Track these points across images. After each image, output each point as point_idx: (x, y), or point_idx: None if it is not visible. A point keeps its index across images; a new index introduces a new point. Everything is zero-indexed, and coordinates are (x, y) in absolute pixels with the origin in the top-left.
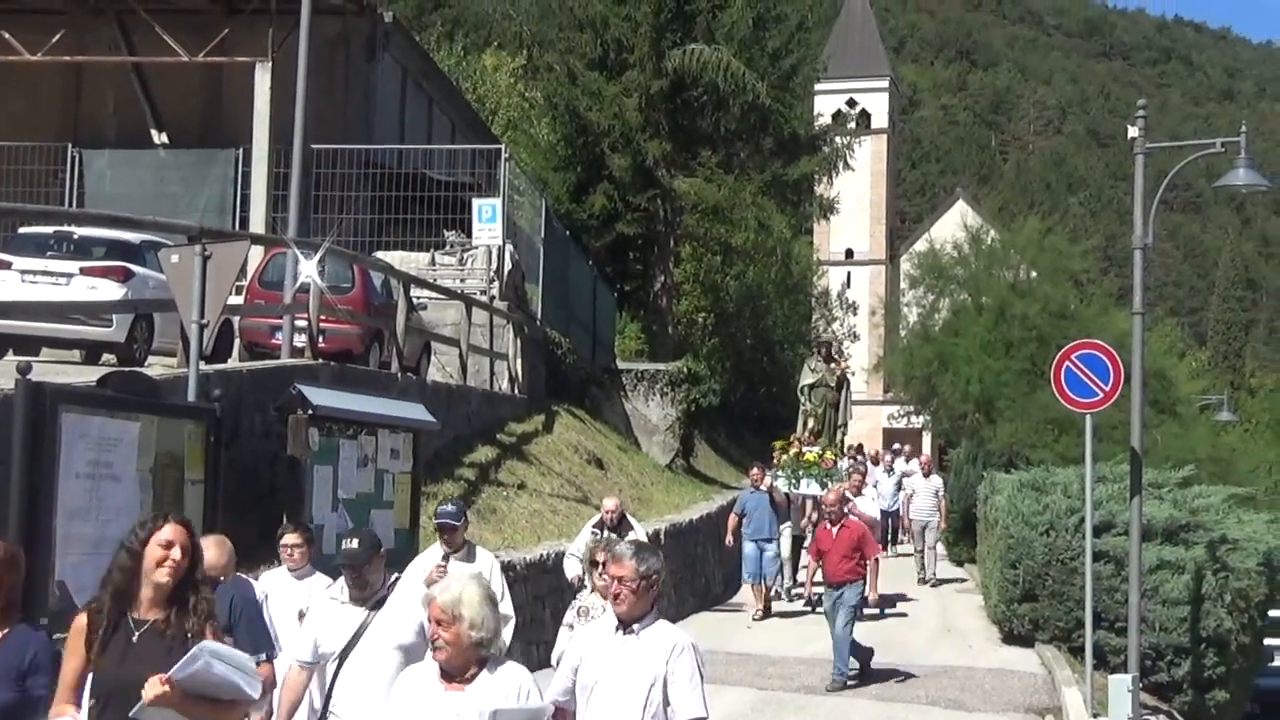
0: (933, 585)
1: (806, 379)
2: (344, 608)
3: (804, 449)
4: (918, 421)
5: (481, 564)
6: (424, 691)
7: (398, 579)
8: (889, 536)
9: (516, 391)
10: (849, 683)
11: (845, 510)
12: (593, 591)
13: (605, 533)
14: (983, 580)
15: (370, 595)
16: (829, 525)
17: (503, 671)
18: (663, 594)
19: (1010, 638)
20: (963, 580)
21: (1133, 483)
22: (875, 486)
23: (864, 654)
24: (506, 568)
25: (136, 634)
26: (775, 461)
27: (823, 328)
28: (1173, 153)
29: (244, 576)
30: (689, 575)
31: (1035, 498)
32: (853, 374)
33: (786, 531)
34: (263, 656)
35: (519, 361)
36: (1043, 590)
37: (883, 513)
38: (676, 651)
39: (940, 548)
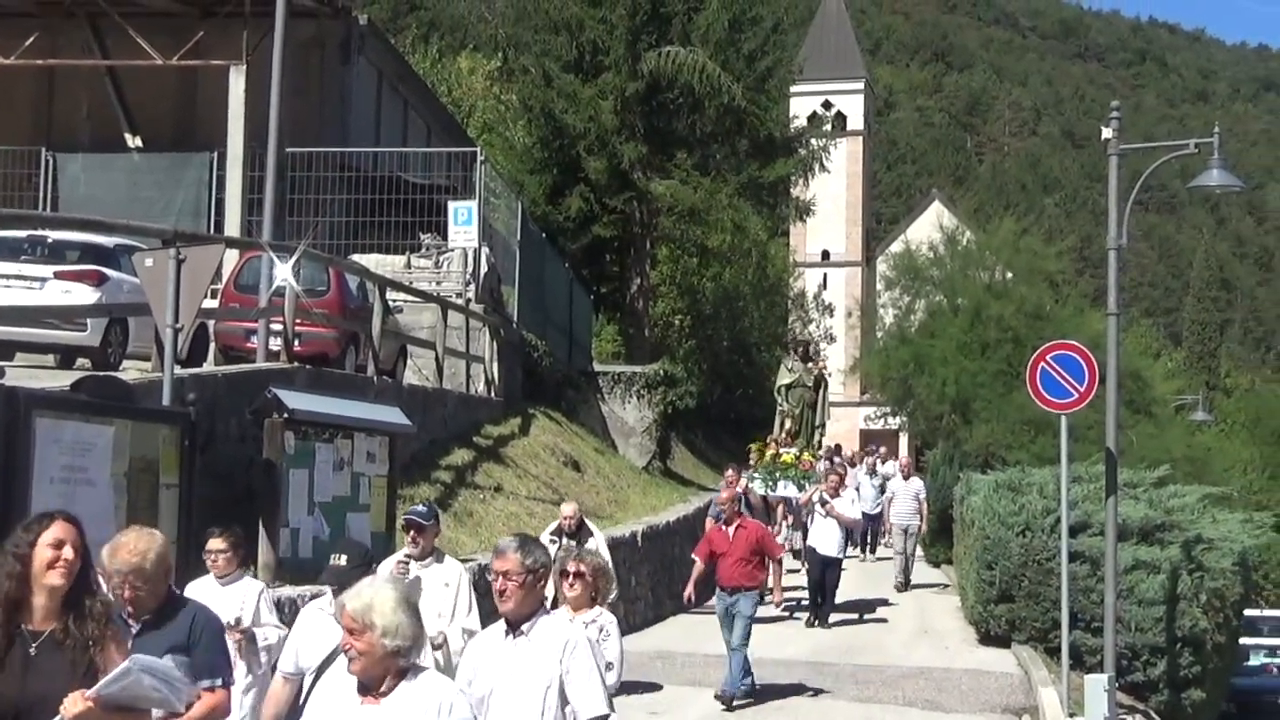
0: (909, 591)
1: (783, 379)
2: (329, 620)
3: (781, 450)
4: (894, 423)
5: (449, 573)
6: (339, 705)
7: None
8: (869, 541)
9: (493, 394)
10: (738, 703)
11: (797, 507)
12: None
13: (564, 540)
14: (959, 581)
15: None
16: (724, 525)
17: (424, 684)
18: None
19: (987, 638)
20: (944, 585)
21: (1108, 483)
22: (857, 489)
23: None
24: (482, 572)
25: (34, 646)
26: (752, 463)
27: (799, 329)
28: (1147, 154)
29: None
30: (666, 578)
31: (1011, 498)
32: (830, 374)
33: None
34: (218, 682)
35: (495, 364)
36: (1019, 591)
37: (866, 517)
38: (570, 648)
39: (918, 550)
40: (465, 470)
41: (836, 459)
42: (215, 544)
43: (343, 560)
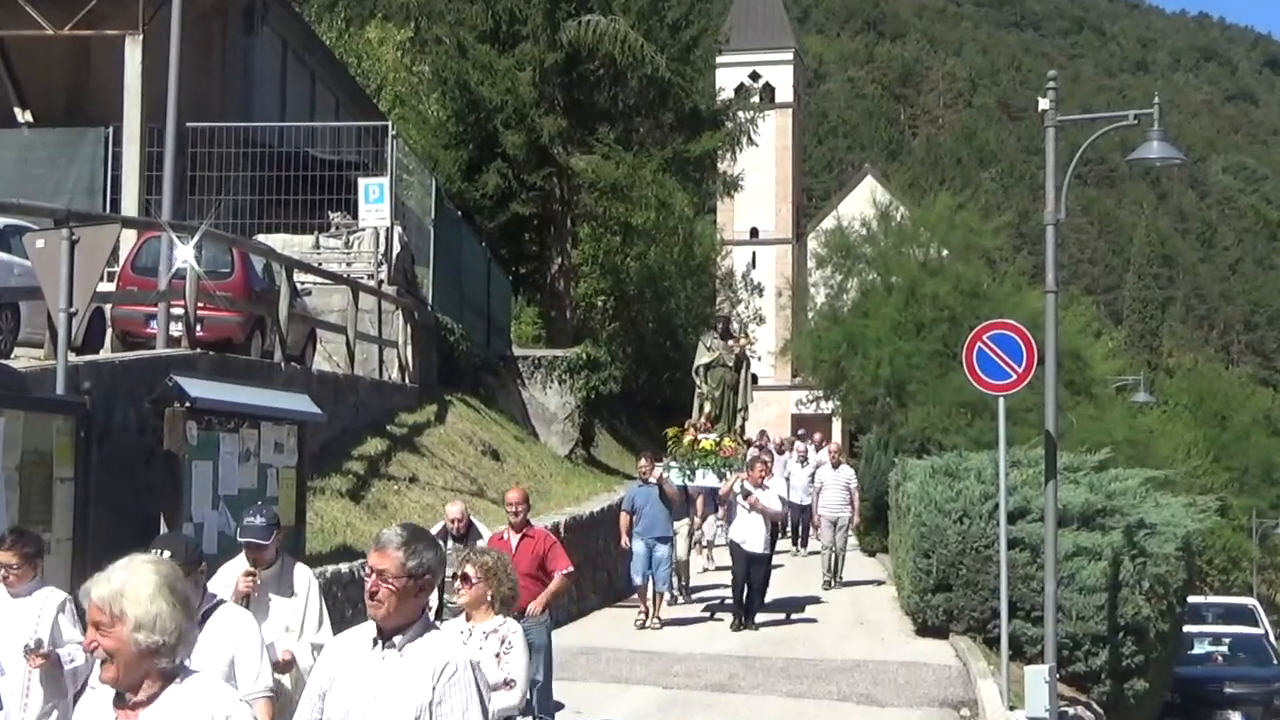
0: (840, 589)
1: (702, 358)
2: None
3: (700, 436)
4: (827, 407)
5: (297, 581)
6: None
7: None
8: (800, 534)
9: (407, 380)
10: None
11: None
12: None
13: (450, 545)
14: (895, 570)
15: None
16: (508, 534)
17: (194, 690)
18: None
19: (924, 629)
20: (878, 583)
21: (1047, 467)
22: (788, 479)
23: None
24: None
25: None
26: (669, 451)
27: (728, 310)
28: (1085, 126)
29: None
30: (590, 570)
31: (948, 484)
32: (755, 354)
33: (684, 530)
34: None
35: (409, 349)
36: (957, 580)
37: (796, 507)
38: (448, 673)
39: (852, 539)
40: (378, 460)
41: (766, 444)
42: (3, 557)
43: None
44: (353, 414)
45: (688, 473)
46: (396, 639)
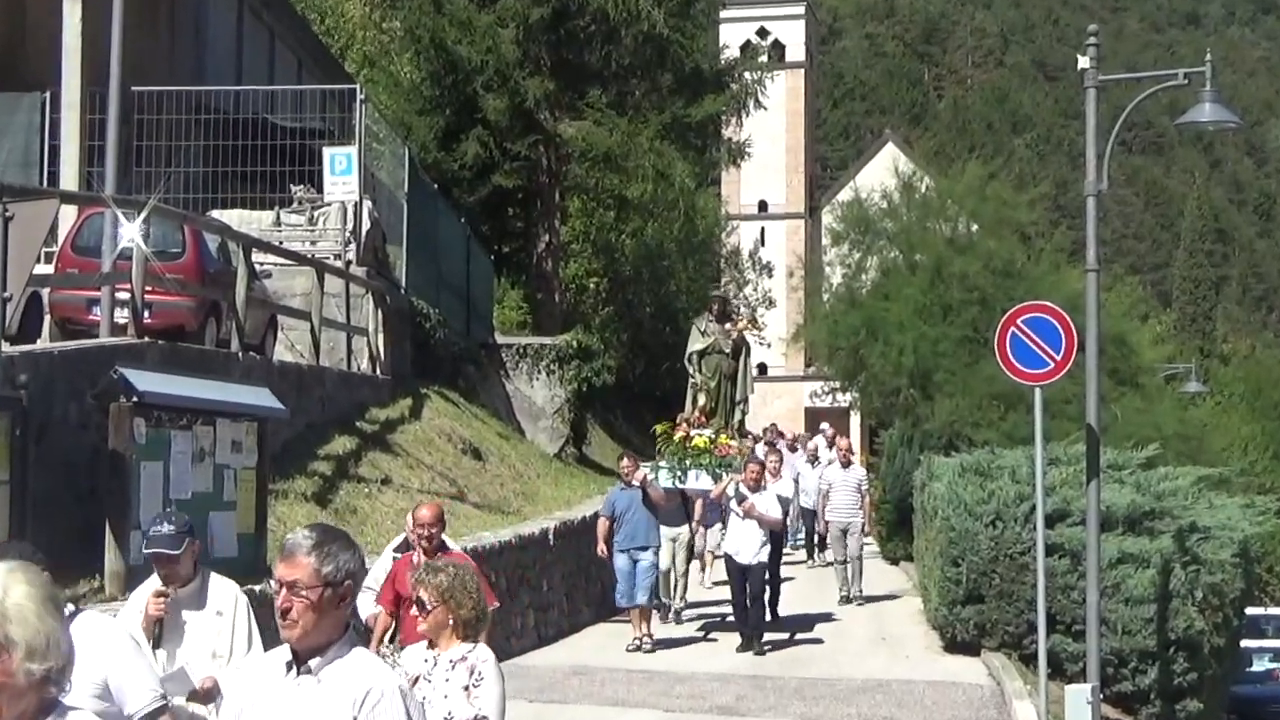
0: (859, 604)
1: (695, 344)
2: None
3: (692, 432)
4: (844, 400)
5: (221, 598)
6: None
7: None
8: (813, 543)
9: (378, 372)
10: None
11: (733, 504)
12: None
13: (418, 559)
14: (920, 580)
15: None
16: (418, 560)
17: None
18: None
19: (953, 645)
20: (895, 597)
21: (1089, 465)
22: (797, 480)
23: None
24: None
25: None
26: (658, 449)
27: (734, 292)
28: (1130, 86)
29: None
30: (582, 580)
31: (979, 484)
32: (762, 339)
33: (681, 535)
34: None
35: (380, 337)
36: (989, 590)
37: (809, 513)
38: (372, 701)
39: (872, 544)
40: (347, 460)
41: (773, 442)
42: None
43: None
44: (318, 409)
45: (678, 474)
46: (313, 662)
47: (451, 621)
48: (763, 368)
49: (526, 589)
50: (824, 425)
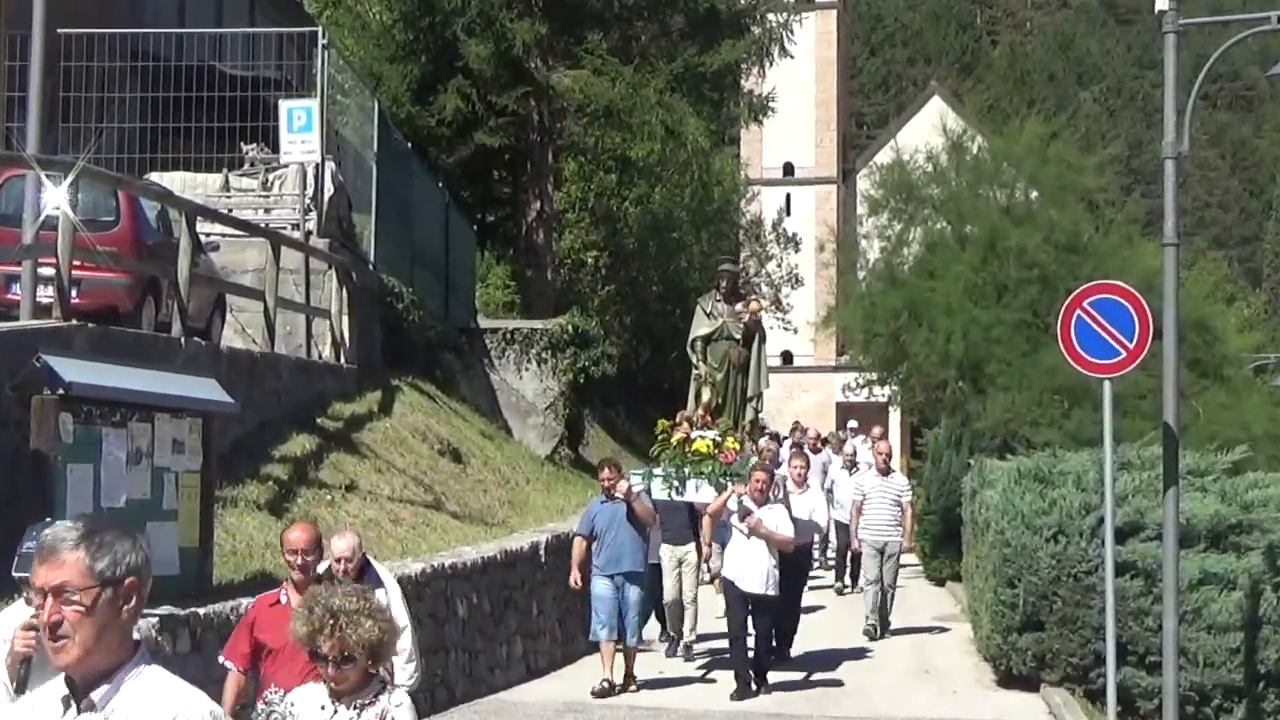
0: (883, 637)
1: (699, 328)
2: None
3: (694, 434)
4: (882, 394)
5: None
6: None
7: None
8: (849, 566)
9: (343, 360)
10: None
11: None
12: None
13: (287, 598)
14: (970, 604)
15: None
16: (287, 594)
17: None
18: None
19: (1008, 679)
20: (942, 630)
21: (1166, 470)
22: (829, 490)
23: None
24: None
25: None
26: (655, 453)
27: (755, 269)
28: (1215, 31)
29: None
30: (578, 603)
31: (1038, 492)
32: (787, 323)
33: (688, 556)
34: None
35: (345, 320)
36: (1050, 616)
37: (841, 527)
38: None
39: (912, 560)
40: (306, 463)
41: (799, 442)
42: None
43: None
44: (273, 403)
45: (675, 485)
46: (96, 694)
47: (368, 666)
48: (788, 357)
49: (513, 612)
50: (852, 423)
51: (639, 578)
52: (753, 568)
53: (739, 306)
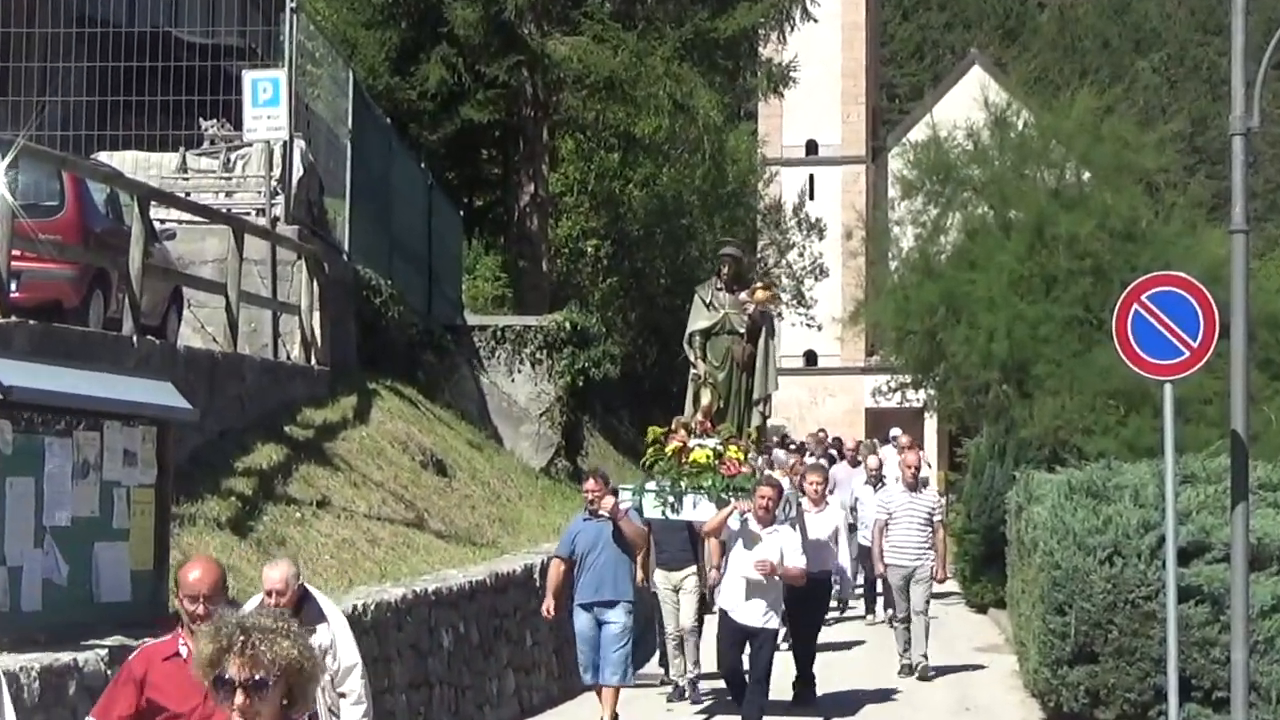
0: (923, 678)
1: (698, 321)
2: None
3: (691, 443)
4: (916, 399)
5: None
6: None
7: None
8: (874, 592)
9: (314, 361)
10: None
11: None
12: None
13: (185, 648)
14: (1015, 633)
15: None
16: (186, 641)
17: None
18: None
19: (1058, 716)
20: (983, 666)
21: (1235, 484)
22: (853, 509)
23: None
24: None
25: None
26: (644, 465)
27: (775, 258)
28: None
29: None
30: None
31: (1092, 509)
32: (809, 316)
33: (688, 581)
34: None
35: (317, 316)
36: (1104, 646)
37: (865, 551)
38: None
39: (951, 585)
40: (274, 476)
41: (820, 454)
42: None
43: None
44: (236, 409)
45: (670, 501)
46: None
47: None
48: (811, 357)
49: (505, 643)
50: (894, 431)
51: (621, 607)
52: (752, 595)
53: (743, 295)
